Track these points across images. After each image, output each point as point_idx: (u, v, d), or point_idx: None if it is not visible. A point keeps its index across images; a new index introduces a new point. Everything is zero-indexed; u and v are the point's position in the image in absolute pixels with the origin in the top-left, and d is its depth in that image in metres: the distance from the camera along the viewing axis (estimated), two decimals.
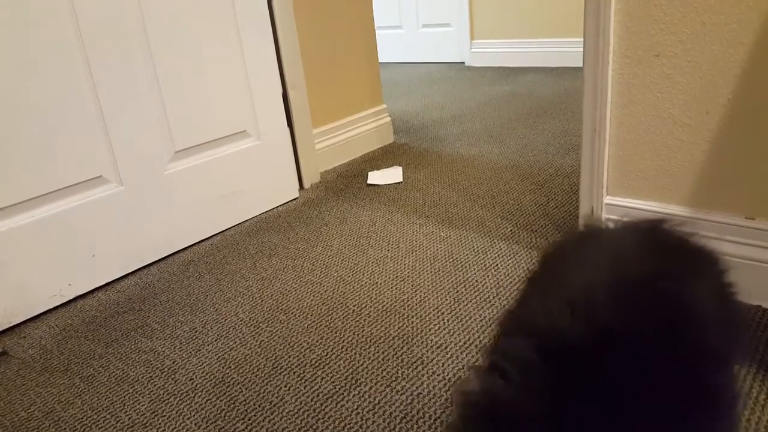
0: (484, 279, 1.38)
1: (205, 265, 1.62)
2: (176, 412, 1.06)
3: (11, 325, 1.40)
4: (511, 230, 1.61)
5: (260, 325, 1.31)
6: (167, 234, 1.68)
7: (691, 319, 0.46)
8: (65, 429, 1.05)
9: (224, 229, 1.83)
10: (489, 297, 1.30)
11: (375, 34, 2.44)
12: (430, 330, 1.21)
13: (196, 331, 1.31)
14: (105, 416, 1.07)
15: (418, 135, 2.64)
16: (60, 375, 1.21)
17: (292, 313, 1.34)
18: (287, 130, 1.99)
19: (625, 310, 0.45)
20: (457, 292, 1.34)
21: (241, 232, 1.80)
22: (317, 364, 1.15)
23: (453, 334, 1.19)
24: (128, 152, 1.56)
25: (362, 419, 1.00)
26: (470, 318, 1.23)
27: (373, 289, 1.40)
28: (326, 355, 1.18)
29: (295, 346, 1.22)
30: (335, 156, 2.31)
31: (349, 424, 0.99)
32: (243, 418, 1.03)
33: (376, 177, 2.13)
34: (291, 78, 1.98)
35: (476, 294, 1.32)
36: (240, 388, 1.11)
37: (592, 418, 0.41)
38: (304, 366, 1.15)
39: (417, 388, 1.06)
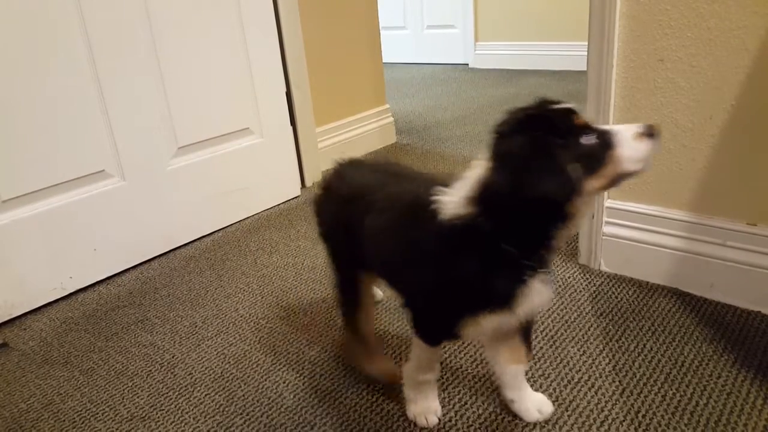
0: None
1: (206, 261, 1.62)
2: (175, 407, 1.07)
3: (12, 317, 1.41)
4: None
5: (260, 321, 1.31)
6: (169, 229, 1.68)
7: None
8: (64, 421, 1.06)
9: (226, 225, 1.83)
10: None
11: (379, 35, 2.44)
12: None
13: (196, 326, 1.31)
14: (104, 409, 1.08)
15: (421, 136, 2.64)
16: (60, 367, 1.21)
17: (292, 310, 1.34)
18: (290, 128, 1.99)
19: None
20: None
21: (243, 229, 1.81)
22: (316, 360, 1.16)
23: None
24: (131, 147, 1.56)
25: (360, 416, 1.00)
26: None
27: None
28: (325, 352, 1.18)
29: (294, 343, 1.22)
30: (337, 155, 2.30)
31: (347, 421, 0.99)
32: (241, 413, 1.03)
33: None
34: (295, 76, 1.98)
35: None
36: (239, 383, 1.11)
37: None
38: (303, 363, 1.15)
39: None
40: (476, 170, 0.76)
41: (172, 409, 1.06)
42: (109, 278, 1.57)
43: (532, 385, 1.02)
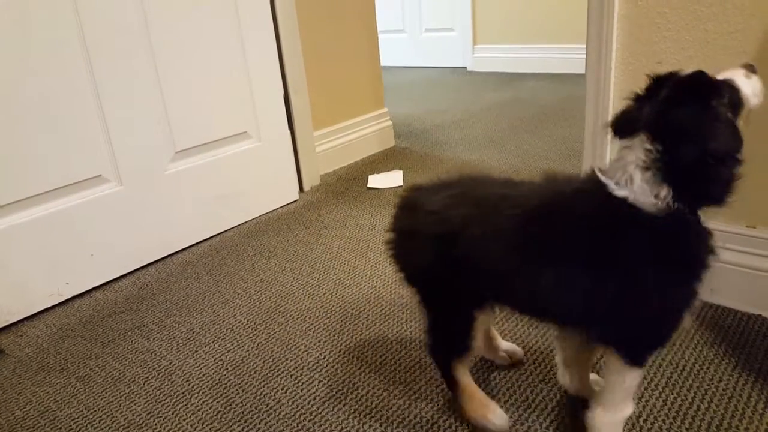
0: None
1: (204, 267, 1.61)
2: (172, 413, 1.06)
3: (8, 323, 1.40)
4: None
5: (258, 327, 1.31)
6: (166, 234, 1.68)
7: None
8: (61, 428, 1.05)
9: (223, 230, 1.82)
10: None
11: (378, 38, 2.44)
12: None
13: (193, 333, 1.31)
14: (101, 416, 1.07)
15: (420, 139, 2.64)
16: (56, 374, 1.21)
17: (290, 316, 1.33)
18: (288, 132, 1.99)
19: None
20: None
21: (241, 234, 1.80)
22: (314, 367, 1.15)
23: None
24: (128, 152, 1.56)
25: (359, 423, 0.99)
26: None
27: (371, 293, 1.40)
28: (324, 358, 1.17)
29: (292, 349, 1.21)
30: (336, 159, 2.30)
31: (346, 428, 0.98)
32: (239, 420, 1.02)
33: (376, 180, 2.13)
34: (293, 80, 1.98)
35: None
36: (237, 390, 1.11)
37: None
38: (302, 369, 1.15)
39: (414, 392, 1.05)
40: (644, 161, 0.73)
41: (169, 416, 1.05)
42: (105, 284, 1.56)
43: (532, 390, 1.01)
